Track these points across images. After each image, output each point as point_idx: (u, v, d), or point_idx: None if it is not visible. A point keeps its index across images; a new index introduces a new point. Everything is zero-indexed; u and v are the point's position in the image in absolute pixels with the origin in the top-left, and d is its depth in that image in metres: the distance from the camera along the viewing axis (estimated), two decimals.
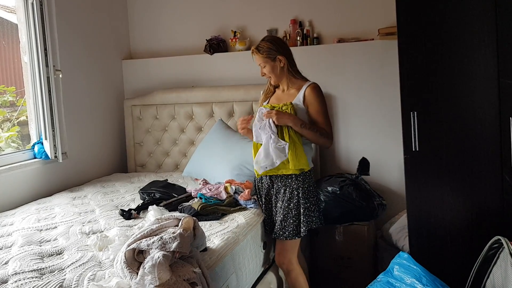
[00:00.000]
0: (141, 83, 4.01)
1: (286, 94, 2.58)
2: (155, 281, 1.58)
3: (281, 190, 2.50)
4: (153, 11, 4.02)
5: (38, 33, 3.05)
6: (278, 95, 2.62)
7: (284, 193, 2.48)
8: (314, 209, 2.48)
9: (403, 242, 2.76)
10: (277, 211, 2.52)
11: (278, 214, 2.50)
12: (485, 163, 2.19)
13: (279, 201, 2.51)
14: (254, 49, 2.53)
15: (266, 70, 2.54)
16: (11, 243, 2.17)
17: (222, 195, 2.58)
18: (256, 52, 2.52)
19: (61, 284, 1.70)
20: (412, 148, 2.28)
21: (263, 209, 2.60)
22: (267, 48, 2.49)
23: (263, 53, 2.50)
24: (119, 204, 2.81)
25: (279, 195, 2.51)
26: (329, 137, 2.49)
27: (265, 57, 2.50)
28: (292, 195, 2.46)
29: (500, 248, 1.94)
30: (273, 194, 2.56)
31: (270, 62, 2.51)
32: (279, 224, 2.47)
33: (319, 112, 2.48)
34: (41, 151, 3.20)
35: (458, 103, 2.21)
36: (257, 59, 2.54)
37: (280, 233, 2.47)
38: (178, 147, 3.81)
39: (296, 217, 2.45)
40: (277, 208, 2.53)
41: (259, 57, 2.52)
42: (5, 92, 3.82)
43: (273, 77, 2.55)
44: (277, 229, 2.49)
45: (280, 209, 2.48)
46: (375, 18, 3.37)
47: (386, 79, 3.29)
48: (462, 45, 2.18)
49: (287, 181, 2.48)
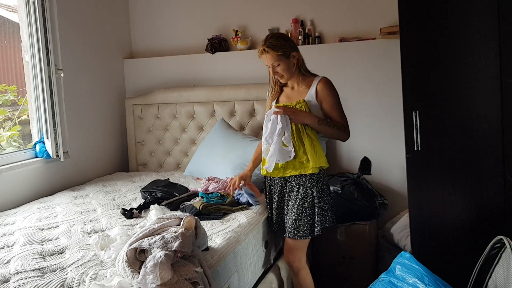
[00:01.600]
0: (143, 82, 4.01)
1: (296, 92, 2.46)
2: (156, 280, 1.58)
3: (294, 189, 2.41)
4: (155, 10, 4.01)
5: (39, 32, 3.05)
6: (288, 94, 2.50)
7: (298, 191, 2.39)
8: (328, 208, 2.40)
9: (405, 242, 2.75)
10: (288, 209, 2.43)
11: (290, 213, 2.41)
12: (488, 162, 2.19)
13: (291, 199, 2.42)
14: (265, 48, 2.34)
15: (280, 69, 2.38)
16: (13, 242, 2.17)
17: (231, 192, 2.59)
18: (269, 50, 2.33)
19: (63, 283, 1.70)
20: (414, 147, 2.27)
21: (275, 208, 2.52)
22: (281, 45, 2.34)
23: (279, 51, 2.33)
24: (120, 203, 2.81)
25: (292, 194, 2.42)
26: (346, 131, 2.43)
27: (280, 54, 2.34)
28: (306, 194, 2.37)
29: (502, 248, 1.94)
30: (285, 193, 2.47)
31: (284, 60, 2.36)
32: (292, 223, 2.38)
33: (334, 106, 2.40)
34: (42, 150, 3.20)
35: (460, 102, 2.21)
36: (269, 58, 2.36)
37: (294, 232, 2.38)
38: (179, 146, 3.81)
39: (311, 216, 2.37)
40: (288, 206, 2.43)
41: (272, 56, 2.34)
42: (6, 91, 3.82)
43: (287, 75, 2.41)
44: (290, 228, 2.39)
45: (293, 208, 2.39)
46: (377, 17, 3.36)
47: (388, 78, 3.28)
48: (465, 44, 2.17)
49: (301, 179, 2.39)
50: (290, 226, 2.40)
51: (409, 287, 1.90)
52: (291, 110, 2.33)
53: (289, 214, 2.42)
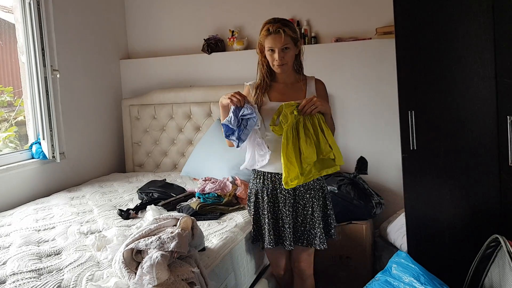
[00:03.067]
0: (139, 82, 4.01)
1: (292, 89, 2.23)
2: (153, 281, 1.58)
3: (306, 195, 2.19)
4: (151, 10, 4.01)
5: (35, 33, 3.05)
6: (280, 89, 2.24)
7: (309, 198, 2.19)
8: (332, 206, 2.29)
9: (401, 241, 2.76)
10: (303, 219, 2.21)
11: (308, 222, 2.20)
12: (483, 162, 2.20)
13: (305, 207, 2.20)
14: (282, 27, 2.06)
15: (288, 56, 2.12)
16: (9, 244, 2.17)
17: (229, 187, 2.59)
18: (286, 30, 2.06)
19: (59, 284, 1.70)
20: (410, 147, 2.28)
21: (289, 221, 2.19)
22: (294, 29, 2.12)
23: (294, 33, 2.09)
24: (117, 204, 2.81)
25: (304, 201, 2.20)
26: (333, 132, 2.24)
27: (295, 37, 2.10)
28: (315, 199, 2.20)
29: (498, 247, 1.95)
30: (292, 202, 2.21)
31: (293, 47, 2.13)
32: (319, 231, 2.19)
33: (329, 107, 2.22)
34: (38, 151, 3.19)
35: (455, 102, 2.22)
36: (284, 39, 2.07)
37: (315, 242, 2.19)
38: (176, 146, 3.81)
39: (326, 219, 2.24)
40: (303, 216, 2.20)
41: (286, 37, 2.07)
42: (2, 92, 3.80)
43: (289, 66, 2.16)
44: (315, 237, 2.20)
45: (311, 216, 2.19)
46: (373, 17, 3.37)
47: (384, 78, 3.29)
48: (460, 44, 2.18)
49: (310, 184, 2.20)
50: (319, 236, 2.19)
51: (406, 286, 1.91)
52: (315, 97, 2.07)
53: (307, 223, 2.21)
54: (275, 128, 2.06)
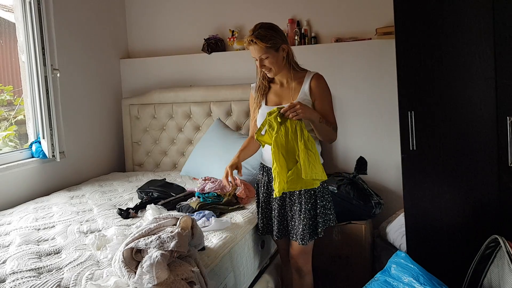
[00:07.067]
0: (139, 82, 4.01)
1: (287, 89, 2.26)
2: (153, 280, 1.58)
3: (296, 192, 2.26)
4: (151, 10, 4.01)
5: (35, 32, 3.05)
6: (277, 91, 2.30)
7: (300, 194, 2.24)
8: (330, 206, 2.30)
9: (401, 241, 2.76)
10: (293, 214, 2.29)
11: (296, 218, 2.27)
12: (483, 162, 2.20)
13: (295, 204, 2.27)
14: (253, 39, 2.12)
15: (268, 62, 2.16)
16: (9, 242, 2.17)
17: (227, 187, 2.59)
18: (257, 41, 2.11)
19: (59, 283, 1.70)
20: (410, 147, 2.28)
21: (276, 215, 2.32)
22: (270, 36, 2.13)
23: (268, 42, 2.12)
24: (117, 203, 2.81)
25: (293, 197, 2.27)
26: (336, 131, 2.24)
27: (269, 46, 2.12)
28: (308, 195, 2.24)
29: (497, 247, 1.95)
30: (286, 197, 2.31)
31: (273, 53, 2.15)
32: (301, 228, 2.24)
33: (328, 105, 2.23)
34: (38, 150, 3.19)
35: (455, 102, 2.22)
36: (257, 50, 2.14)
37: (306, 237, 2.24)
38: (176, 146, 3.81)
39: (314, 218, 2.26)
40: (292, 211, 2.28)
41: (260, 48, 2.12)
42: (2, 91, 3.80)
43: (275, 70, 2.20)
44: (297, 233, 2.26)
45: (299, 212, 2.25)
46: (373, 18, 3.37)
47: (384, 79, 3.29)
48: (460, 44, 2.18)
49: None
50: (297, 231, 2.26)
51: (405, 286, 1.91)
52: (299, 104, 2.05)
53: (293, 219, 2.29)
54: (262, 139, 2.11)
